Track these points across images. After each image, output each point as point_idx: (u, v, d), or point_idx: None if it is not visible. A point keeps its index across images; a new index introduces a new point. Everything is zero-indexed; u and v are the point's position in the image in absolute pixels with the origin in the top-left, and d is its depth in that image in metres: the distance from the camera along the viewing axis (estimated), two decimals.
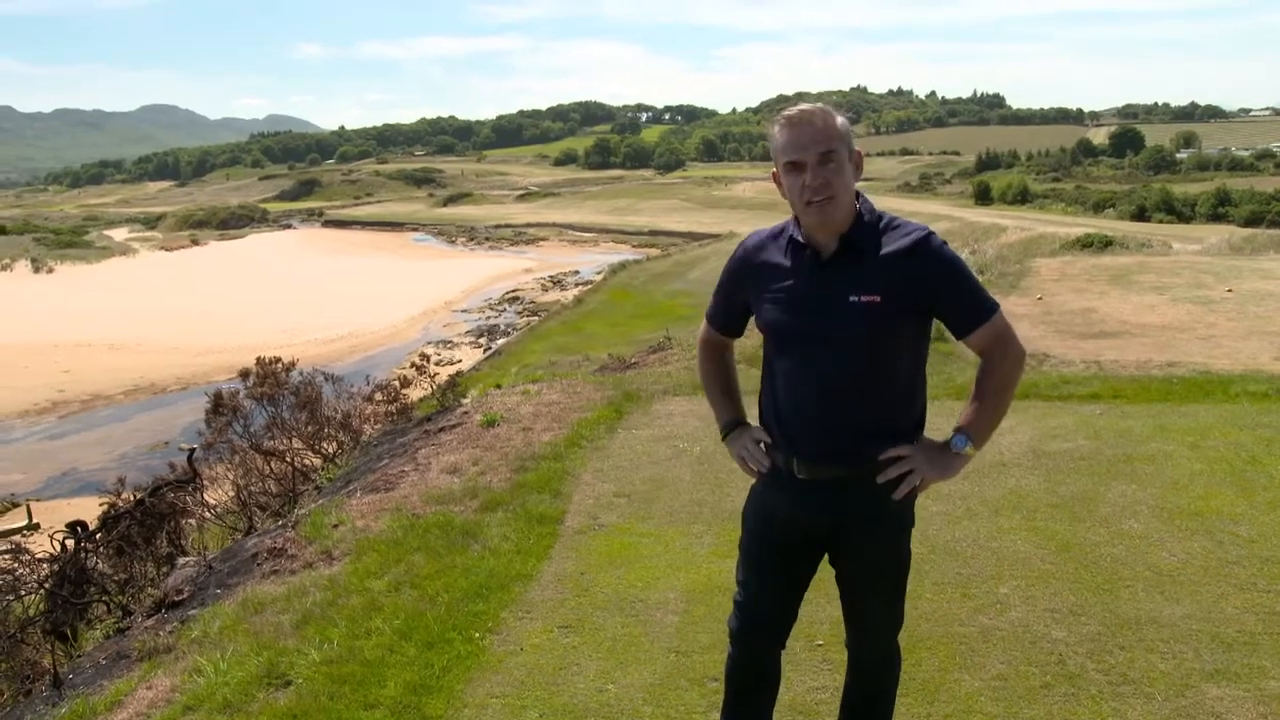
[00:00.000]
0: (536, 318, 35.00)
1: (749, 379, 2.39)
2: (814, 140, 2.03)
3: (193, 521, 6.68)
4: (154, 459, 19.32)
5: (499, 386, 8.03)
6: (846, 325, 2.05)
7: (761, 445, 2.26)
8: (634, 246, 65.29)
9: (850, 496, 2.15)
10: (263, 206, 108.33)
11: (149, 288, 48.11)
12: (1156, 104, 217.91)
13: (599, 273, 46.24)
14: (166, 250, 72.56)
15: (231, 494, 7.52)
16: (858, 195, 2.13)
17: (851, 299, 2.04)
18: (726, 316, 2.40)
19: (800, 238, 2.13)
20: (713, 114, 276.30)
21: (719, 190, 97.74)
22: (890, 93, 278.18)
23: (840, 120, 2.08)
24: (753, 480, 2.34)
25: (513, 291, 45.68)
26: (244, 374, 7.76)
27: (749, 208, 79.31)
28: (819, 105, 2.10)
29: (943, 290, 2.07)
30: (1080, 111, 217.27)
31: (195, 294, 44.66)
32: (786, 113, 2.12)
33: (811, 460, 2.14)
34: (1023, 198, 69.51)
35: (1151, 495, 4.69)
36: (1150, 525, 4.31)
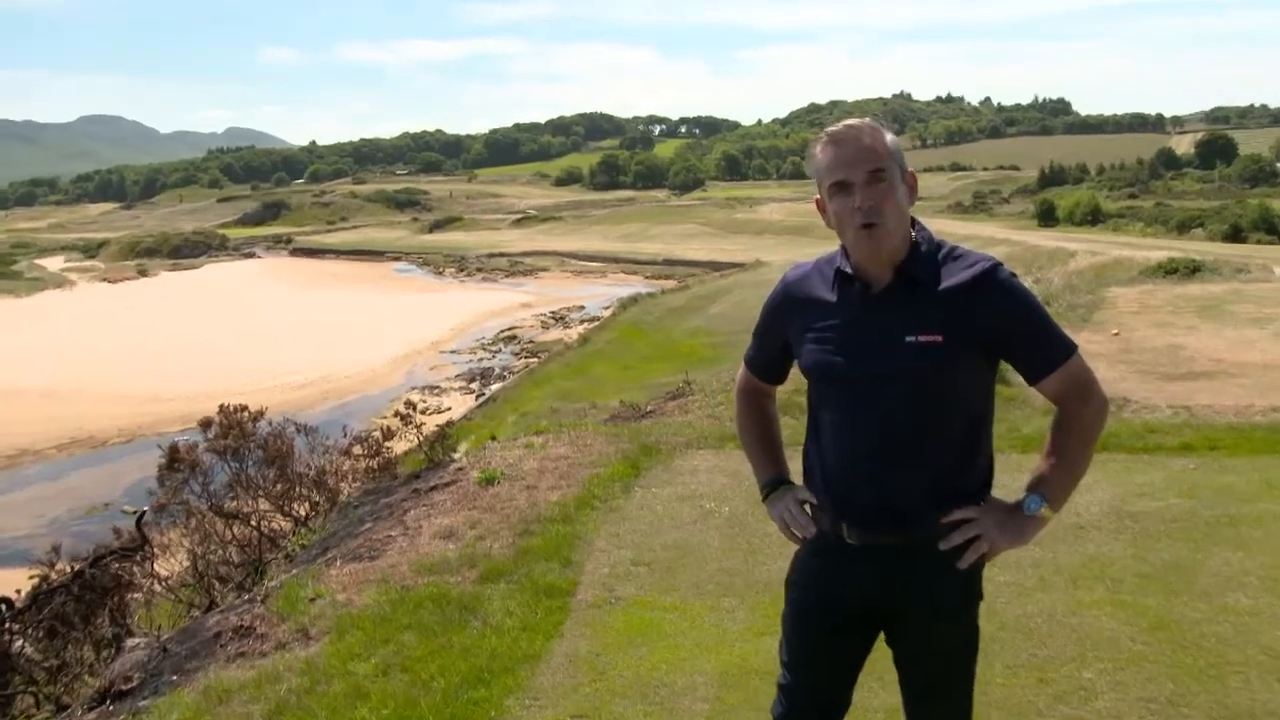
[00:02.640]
0: (536, 359, 35.17)
1: (794, 432, 2.43)
2: (862, 158, 2.08)
3: (140, 596, 6.70)
4: (92, 524, 19.40)
5: (495, 438, 8.09)
6: (904, 368, 2.08)
7: (806, 507, 2.28)
8: (646, 278, 65.52)
9: (909, 566, 2.16)
10: (222, 232, 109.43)
11: (88, 325, 48.55)
12: (1252, 106, 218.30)
13: (607, 308, 46.33)
14: (109, 282, 73.25)
15: (187, 564, 7.56)
16: (913, 222, 2.17)
17: (909, 338, 2.07)
18: (766, 361, 2.43)
19: (849, 269, 2.16)
20: (735, 126, 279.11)
21: (743, 213, 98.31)
22: (938, 100, 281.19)
23: (890, 137, 2.14)
24: (795, 547, 2.36)
25: (509, 330, 45.90)
26: (205, 424, 7.84)
27: (777, 232, 79.71)
28: (866, 120, 2.17)
29: (1013, 329, 2.10)
30: (1160, 117, 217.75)
31: (143, 333, 44.99)
32: (830, 129, 2.18)
33: (864, 524, 2.16)
34: (1094, 218, 69.62)
35: (1261, 564, 4.66)
36: (1261, 600, 4.29)
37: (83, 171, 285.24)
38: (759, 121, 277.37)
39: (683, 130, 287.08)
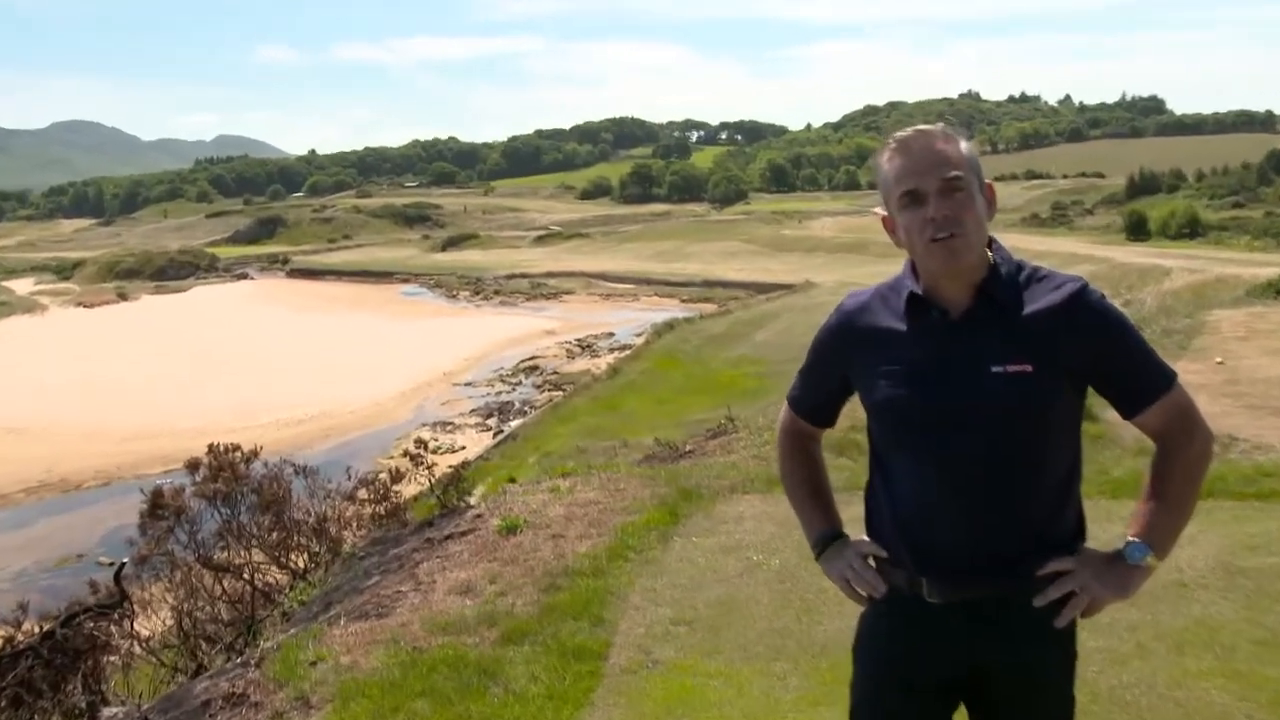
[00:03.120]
0: (560, 392, 35.34)
1: (852, 475, 2.43)
2: (935, 164, 2.11)
3: (117, 659, 6.74)
4: (64, 577, 19.54)
5: (515, 481, 8.13)
6: (991, 402, 2.08)
7: (871, 561, 2.27)
8: (683, 301, 65.58)
9: (998, 625, 2.15)
10: (211, 251, 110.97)
11: (61, 354, 49.25)
12: None
13: (639, 335, 46.31)
14: (85, 307, 74.36)
15: (171, 623, 7.62)
16: (990, 241, 2.18)
17: (995, 368, 2.08)
18: (816, 402, 2.44)
19: (921, 291, 2.18)
20: (782, 131, 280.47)
21: (791, 228, 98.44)
22: (1011, 99, 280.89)
23: (965, 144, 2.16)
24: (858, 606, 2.35)
25: (530, 359, 46.11)
26: (192, 465, 7.94)
27: (829, 250, 79.63)
28: (938, 124, 2.19)
29: (1107, 356, 2.11)
30: (1270, 115, 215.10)
31: (123, 363, 45.55)
32: (898, 134, 2.20)
33: (947, 580, 2.15)
34: (1192, 230, 68.95)
35: None
36: None
37: (56, 183, 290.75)
38: (808, 126, 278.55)
39: (723, 137, 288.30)
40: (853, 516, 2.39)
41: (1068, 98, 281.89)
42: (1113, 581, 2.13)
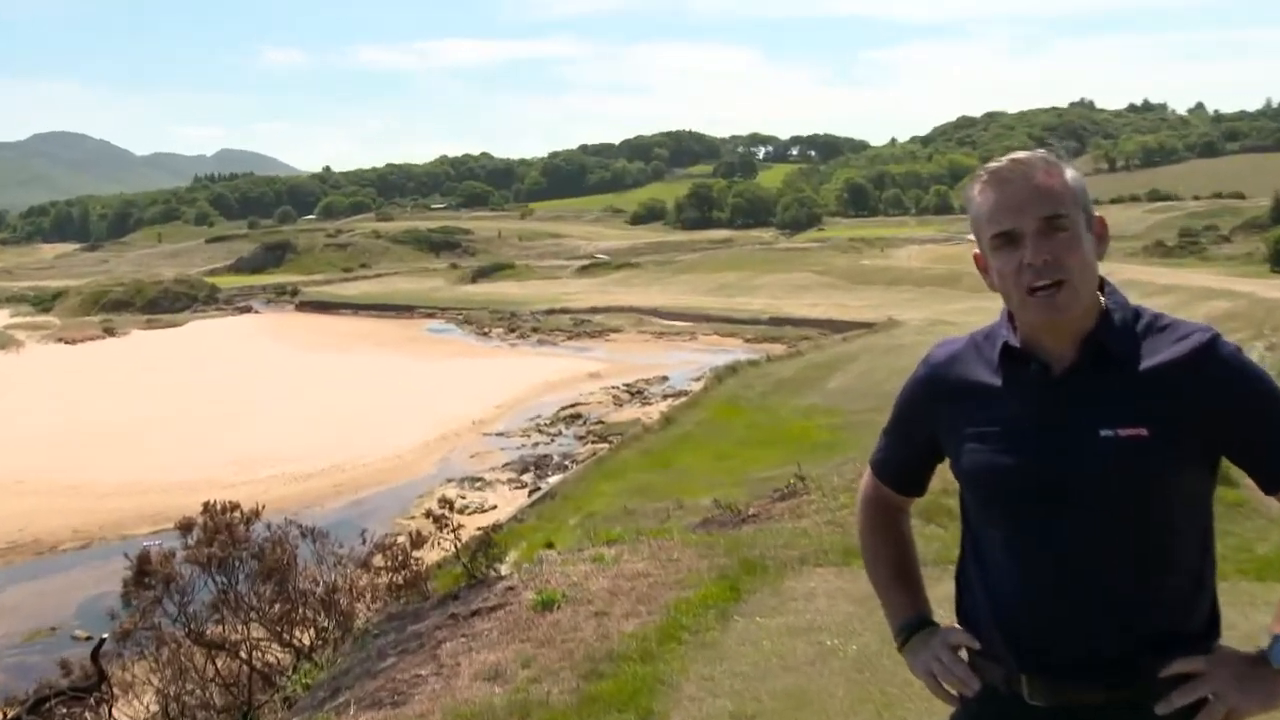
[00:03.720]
0: (606, 445, 35.55)
1: (943, 546, 2.43)
2: (1033, 200, 2.10)
3: None
4: (33, 654, 19.74)
5: (553, 547, 8.15)
6: (1098, 472, 2.06)
7: (963, 654, 2.25)
8: (747, 341, 65.72)
9: None
10: (210, 281, 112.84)
11: (39, 397, 50.07)
12: None
13: (697, 379, 46.23)
14: (66, 343, 75.61)
15: (156, 708, 7.68)
16: (1102, 283, 2.18)
17: (1104, 432, 2.06)
18: (903, 465, 2.44)
19: (1018, 344, 2.18)
20: (862, 147, 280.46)
21: (872, 258, 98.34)
22: (1131, 108, 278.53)
23: (1071, 173, 2.16)
24: (948, 706, 2.33)
25: (571, 406, 46.54)
26: (184, 526, 8.04)
27: (916, 283, 79.38)
28: (1038, 153, 2.19)
29: (1242, 421, 2.08)
30: None
31: (107, 408, 46.18)
32: (991, 165, 2.20)
33: (1050, 679, 2.13)
34: None
35: None
36: None
37: (36, 202, 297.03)
38: (892, 141, 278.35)
39: (794, 153, 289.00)
40: (943, 595, 2.38)
41: (1200, 106, 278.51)
42: (1256, 687, 2.04)
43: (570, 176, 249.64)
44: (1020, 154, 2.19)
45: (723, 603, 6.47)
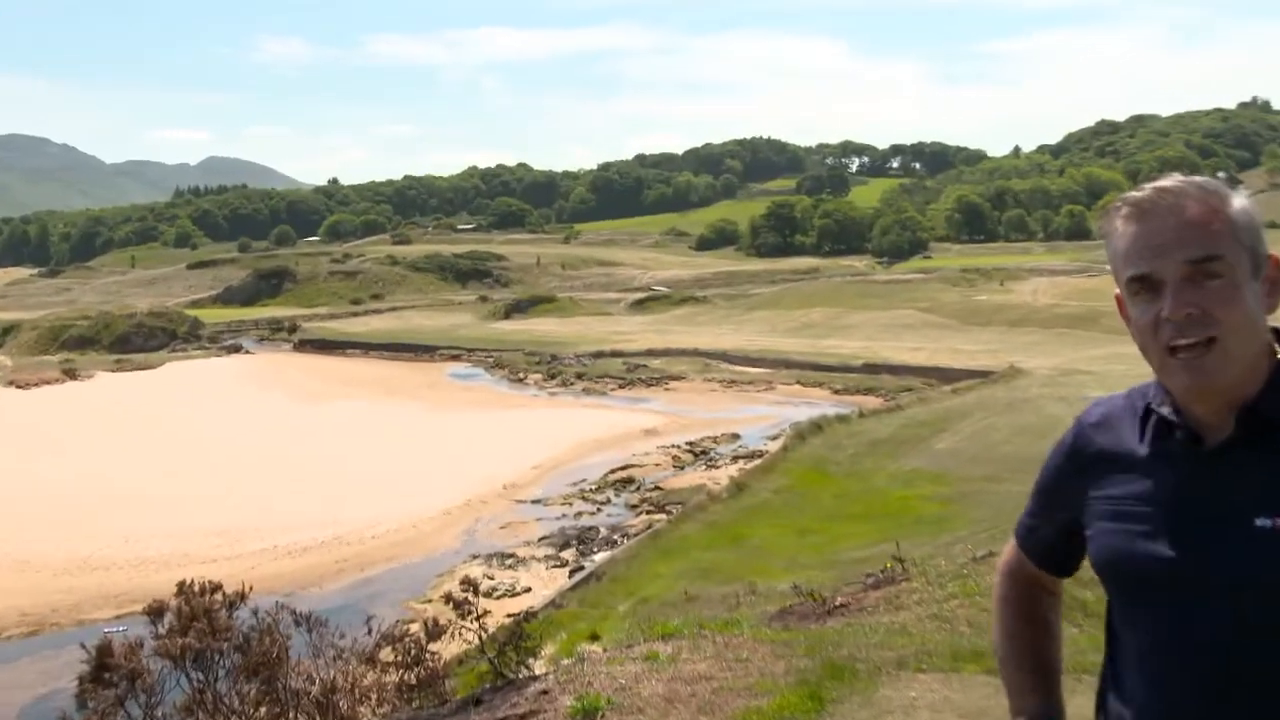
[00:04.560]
0: (664, 516, 35.58)
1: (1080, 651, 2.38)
2: (1180, 239, 2.07)
3: None
4: None
5: (597, 640, 8.11)
6: (1251, 569, 2.04)
7: None
8: (836, 392, 65.83)
9: None
10: (193, 314, 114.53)
11: None
12: None
13: (774, 438, 46.31)
14: (18, 387, 76.80)
15: None
16: (1277, 339, 2.15)
17: (1260, 522, 2.04)
18: (1049, 538, 2.43)
19: (1167, 411, 2.17)
20: (978, 157, 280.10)
21: (989, 292, 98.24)
22: None
23: (1237, 203, 2.12)
24: None
25: (623, 469, 46.93)
26: (154, 611, 8.07)
27: (1045, 323, 79.10)
28: (1192, 180, 2.15)
29: None
30: None
31: (66, 466, 46.79)
32: (1132, 195, 2.18)
33: None
34: None
35: None
36: None
37: None
38: (1016, 151, 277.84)
39: (894, 165, 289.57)
40: (1077, 713, 2.37)
41: None
42: None
43: (624, 193, 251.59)
44: (1168, 181, 2.15)
45: (802, 715, 6.43)
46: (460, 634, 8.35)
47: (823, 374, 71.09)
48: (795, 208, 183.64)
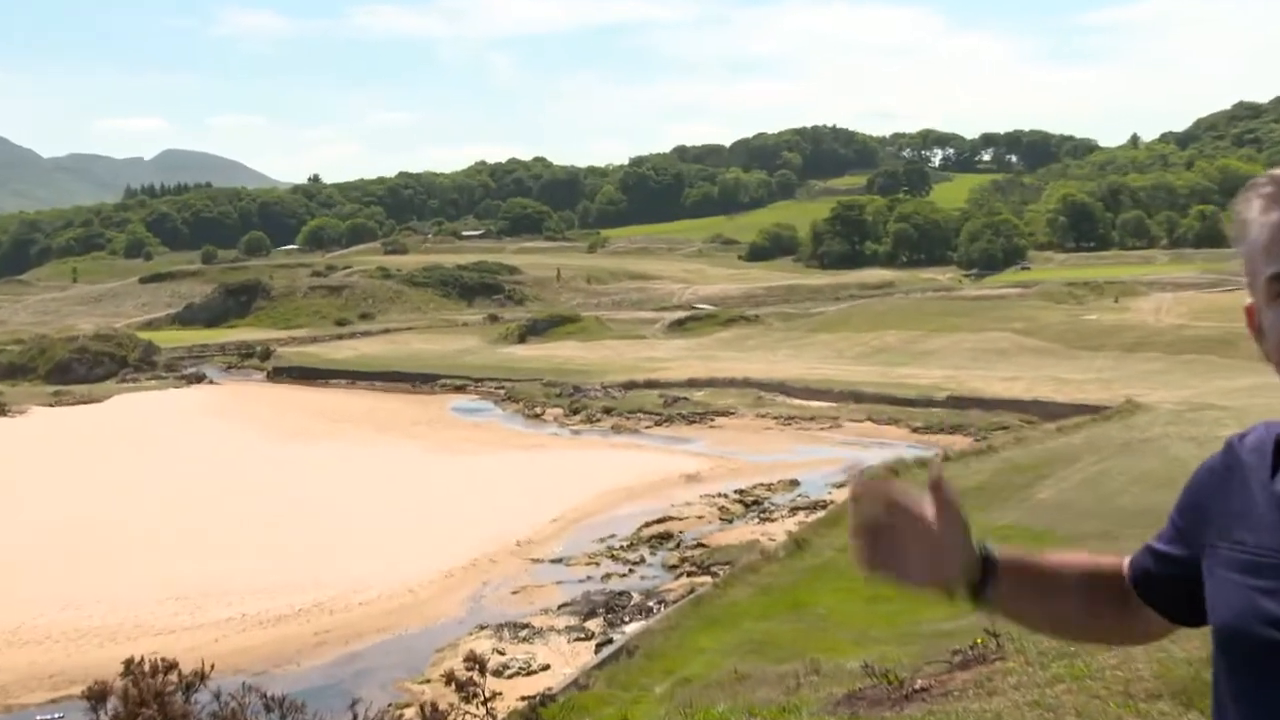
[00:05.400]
0: (709, 578, 35.68)
1: None
2: None
3: None
4: None
5: None
6: None
7: None
8: (916, 431, 66.03)
9: None
10: (147, 338, 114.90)
11: None
12: None
13: (840, 485, 46.23)
14: None
15: None
16: None
17: None
18: (1156, 562, 2.44)
19: None
20: (1088, 148, 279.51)
21: (1101, 310, 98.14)
22: None
23: None
24: None
25: (660, 522, 46.89)
26: (95, 694, 8.08)
27: (1170, 348, 78.82)
28: None
29: None
30: None
31: None
32: (1278, 171, 2.15)
33: None
34: None
35: None
36: None
37: None
38: (1133, 140, 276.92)
39: (985, 158, 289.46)
40: None
41: None
42: None
43: (661, 192, 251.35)
44: None
45: None
46: (465, 718, 8.40)
47: (899, 409, 71.10)
48: (865, 210, 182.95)
